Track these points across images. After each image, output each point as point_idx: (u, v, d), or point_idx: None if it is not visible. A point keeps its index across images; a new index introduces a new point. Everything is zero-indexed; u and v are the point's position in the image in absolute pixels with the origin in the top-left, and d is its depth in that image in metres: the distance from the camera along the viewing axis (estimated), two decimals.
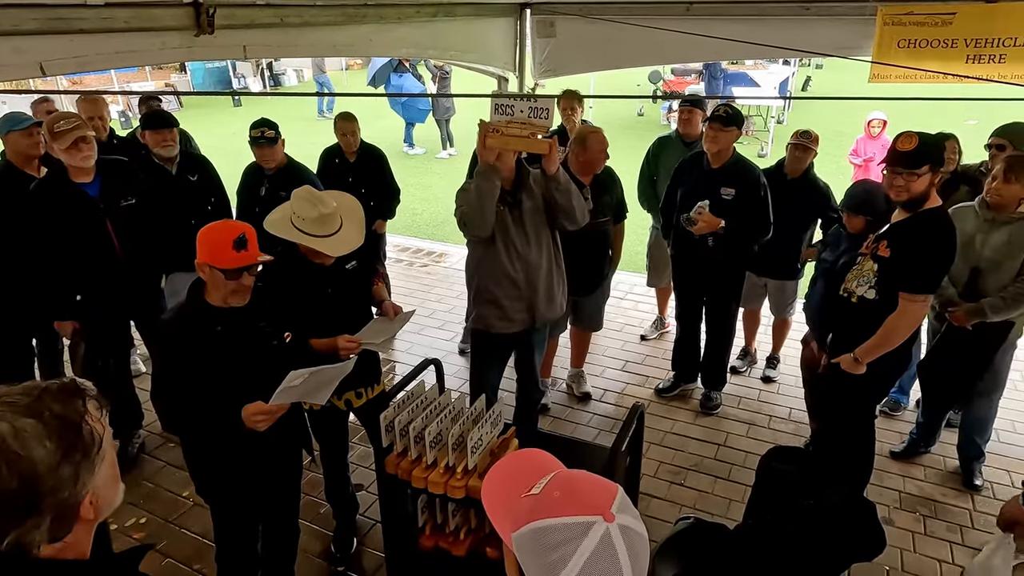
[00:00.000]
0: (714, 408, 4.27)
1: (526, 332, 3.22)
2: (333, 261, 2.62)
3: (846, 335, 2.89)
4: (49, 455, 0.91)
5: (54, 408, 0.93)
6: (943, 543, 3.22)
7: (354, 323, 2.65)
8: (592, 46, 4.91)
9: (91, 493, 0.96)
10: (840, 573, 2.15)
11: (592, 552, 0.89)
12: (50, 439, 0.91)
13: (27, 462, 0.89)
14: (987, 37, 3.76)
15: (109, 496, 1.02)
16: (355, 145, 4.68)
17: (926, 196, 2.63)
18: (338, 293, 2.67)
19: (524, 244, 2.99)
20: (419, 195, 9.30)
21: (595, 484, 0.96)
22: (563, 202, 2.90)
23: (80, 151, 3.12)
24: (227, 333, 2.15)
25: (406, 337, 5.20)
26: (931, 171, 2.58)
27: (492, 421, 2.40)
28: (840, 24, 4.17)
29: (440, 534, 2.57)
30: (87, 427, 0.96)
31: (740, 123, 3.72)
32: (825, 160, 5.55)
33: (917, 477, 3.66)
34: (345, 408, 2.89)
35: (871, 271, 2.76)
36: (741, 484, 3.55)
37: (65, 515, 0.94)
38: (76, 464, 0.94)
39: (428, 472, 2.29)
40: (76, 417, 0.95)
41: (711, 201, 3.70)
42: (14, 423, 0.90)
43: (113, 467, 1.03)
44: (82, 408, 0.96)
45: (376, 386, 2.95)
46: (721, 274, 3.98)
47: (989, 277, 3.13)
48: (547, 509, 0.92)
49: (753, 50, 4.24)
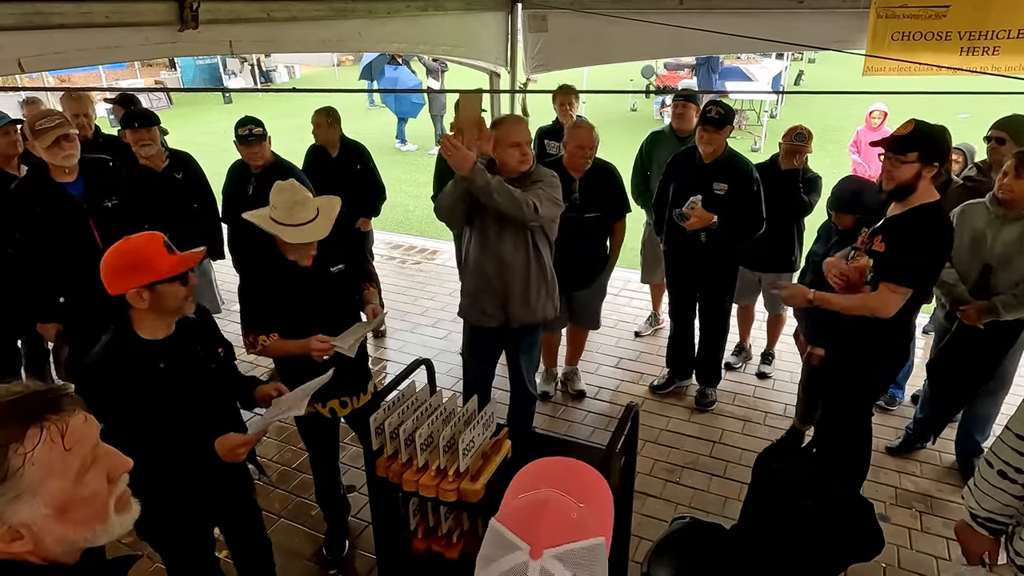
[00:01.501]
0: (709, 405, 4.25)
1: (509, 331, 3.21)
2: (311, 262, 2.58)
3: (840, 331, 2.83)
4: None
5: (31, 394, 0.89)
6: (940, 539, 3.20)
7: (337, 327, 2.60)
8: (584, 41, 4.86)
9: (8, 525, 0.88)
10: (838, 574, 2.13)
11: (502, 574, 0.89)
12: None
13: None
14: (981, 30, 3.75)
15: (58, 529, 0.92)
16: (335, 141, 4.53)
17: (912, 187, 2.53)
18: (320, 296, 2.62)
19: (497, 240, 3.00)
20: (411, 192, 9.23)
21: (561, 521, 0.93)
22: (486, 201, 2.83)
23: (62, 150, 3.05)
24: (171, 367, 1.97)
25: (398, 336, 5.16)
26: (920, 161, 2.48)
27: (484, 423, 2.35)
28: (834, 17, 4.14)
29: (432, 537, 2.53)
30: (9, 457, 0.87)
31: (732, 120, 3.69)
32: (819, 154, 5.53)
33: (913, 473, 3.64)
34: (330, 416, 2.84)
35: (866, 267, 2.70)
36: (737, 482, 3.53)
37: None
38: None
39: (419, 475, 2.25)
40: (1, 440, 0.87)
41: (704, 196, 3.67)
42: None
43: (65, 501, 0.92)
44: (19, 434, 0.88)
45: (363, 395, 2.88)
46: (714, 270, 3.95)
47: (1000, 274, 3.07)
48: (507, 515, 0.95)
49: (747, 44, 4.20)
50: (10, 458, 0.87)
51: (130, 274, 1.85)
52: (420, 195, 9.20)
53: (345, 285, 2.74)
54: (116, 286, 1.87)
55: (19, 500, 0.88)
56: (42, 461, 0.89)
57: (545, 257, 3.13)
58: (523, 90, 5.30)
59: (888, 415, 4.09)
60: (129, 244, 1.91)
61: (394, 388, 2.52)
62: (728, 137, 3.71)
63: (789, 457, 2.32)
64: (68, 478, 0.92)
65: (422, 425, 2.26)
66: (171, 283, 1.90)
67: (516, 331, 3.23)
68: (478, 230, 3.04)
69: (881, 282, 2.61)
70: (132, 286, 1.86)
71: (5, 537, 0.88)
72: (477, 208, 2.95)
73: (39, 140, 3.02)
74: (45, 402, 0.92)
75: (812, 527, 1.94)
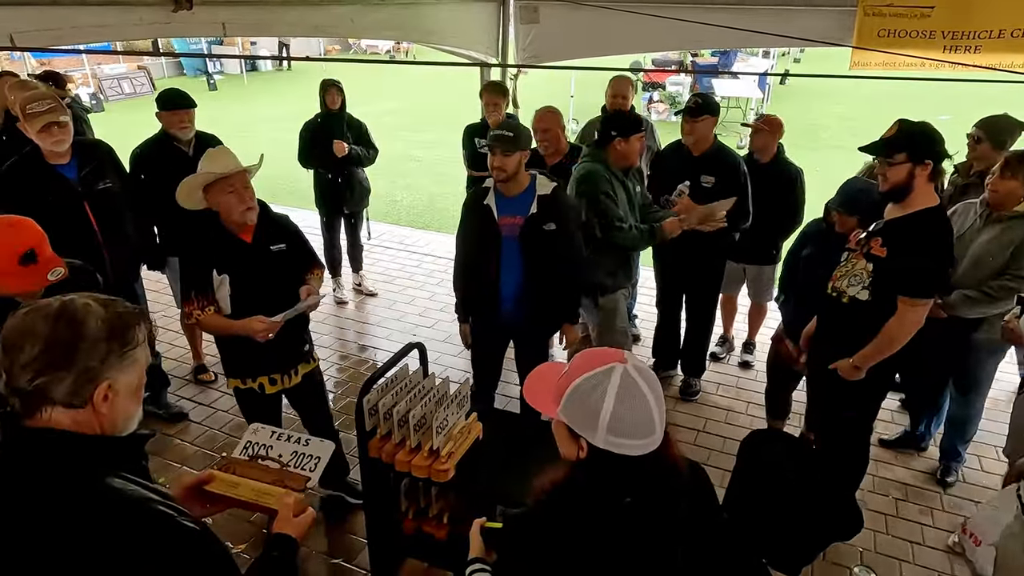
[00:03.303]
0: (694, 395, 4.31)
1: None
2: (252, 239, 2.61)
3: (836, 336, 2.77)
4: (97, 331, 1.16)
5: (120, 309, 1.22)
6: (915, 525, 3.29)
7: (275, 307, 2.61)
8: (576, 33, 4.89)
9: (110, 381, 1.18)
10: (818, 551, 2.19)
11: (619, 386, 1.15)
12: (104, 322, 1.18)
13: (80, 326, 1.16)
14: (964, 29, 3.84)
15: (126, 405, 1.23)
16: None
17: (908, 187, 2.47)
18: (259, 273, 2.63)
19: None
20: (400, 183, 9.23)
21: (605, 350, 1.24)
22: None
23: (52, 135, 3.03)
24: None
25: (386, 324, 5.17)
26: (910, 161, 2.43)
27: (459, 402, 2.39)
28: (822, 15, 4.21)
29: (423, 518, 2.56)
30: (132, 332, 1.21)
31: (714, 111, 3.74)
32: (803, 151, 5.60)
33: (890, 462, 3.73)
34: (259, 391, 2.81)
35: (865, 271, 2.60)
36: (720, 469, 3.59)
37: (84, 383, 1.15)
38: (109, 348, 1.17)
39: (412, 456, 2.28)
40: (131, 320, 1.22)
41: (691, 188, 3.72)
42: (88, 301, 1.20)
43: (137, 386, 1.25)
44: (136, 323, 1.23)
45: (294, 376, 2.88)
46: (701, 262, 3.99)
47: (969, 272, 3.08)
48: (574, 374, 1.19)
49: (737, 38, 4.25)
50: (136, 334, 1.22)
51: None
52: (409, 186, 9.20)
53: (285, 265, 2.73)
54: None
55: (125, 369, 1.20)
56: (141, 348, 1.23)
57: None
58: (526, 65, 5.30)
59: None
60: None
61: (386, 372, 2.54)
62: (713, 129, 3.76)
63: (776, 439, 2.37)
64: (143, 368, 1.25)
65: (415, 407, 2.29)
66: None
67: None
68: None
69: (899, 299, 2.53)
70: None
71: (103, 392, 1.17)
72: None
73: (30, 124, 2.98)
74: (144, 313, 1.28)
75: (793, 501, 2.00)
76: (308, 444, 1.83)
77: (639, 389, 1.15)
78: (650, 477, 1.18)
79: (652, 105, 13.70)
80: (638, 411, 1.15)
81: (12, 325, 1.16)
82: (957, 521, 3.29)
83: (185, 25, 3.08)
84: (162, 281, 4.43)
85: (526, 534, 1.26)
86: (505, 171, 2.86)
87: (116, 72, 16.63)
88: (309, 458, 1.84)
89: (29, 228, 1.90)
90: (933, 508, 3.40)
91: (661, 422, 1.18)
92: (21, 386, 1.13)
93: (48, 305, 1.17)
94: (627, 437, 1.14)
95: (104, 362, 1.16)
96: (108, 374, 1.17)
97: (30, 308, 1.18)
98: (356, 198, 5.19)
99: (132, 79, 16.63)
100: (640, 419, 1.15)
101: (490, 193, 3.00)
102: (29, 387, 1.12)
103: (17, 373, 1.13)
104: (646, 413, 1.15)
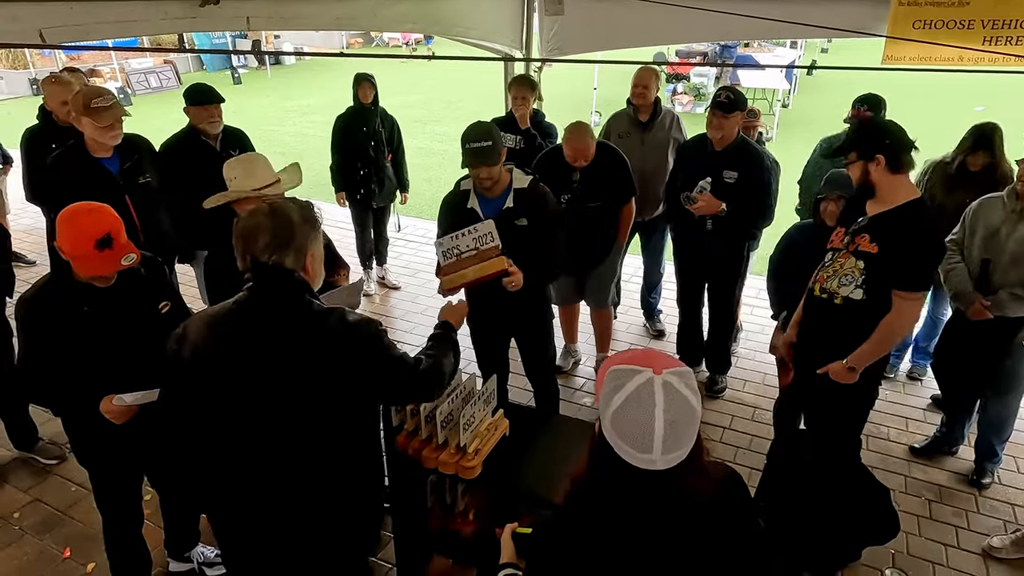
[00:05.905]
0: (720, 391, 4.26)
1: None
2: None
3: (830, 340, 2.68)
4: (299, 219, 1.70)
5: (304, 204, 1.77)
6: (949, 527, 3.21)
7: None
8: (600, 24, 4.81)
9: (313, 252, 1.73)
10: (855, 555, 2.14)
11: (635, 389, 1.12)
12: (298, 215, 1.71)
13: (289, 217, 1.69)
14: (1005, 19, 3.69)
15: (318, 267, 1.78)
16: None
17: (868, 184, 2.49)
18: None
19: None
20: (422, 176, 9.23)
21: (668, 357, 1.21)
22: None
23: (112, 130, 3.08)
24: (97, 312, 2.05)
25: (409, 317, 5.17)
26: (860, 159, 2.48)
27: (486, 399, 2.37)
28: (854, 4, 4.09)
29: (448, 515, 2.55)
30: (315, 218, 1.76)
31: (744, 107, 3.66)
32: None
33: (923, 463, 3.65)
34: None
35: (856, 269, 2.54)
36: (747, 467, 3.54)
37: (302, 253, 1.70)
38: (309, 229, 1.73)
39: (439, 452, 2.27)
40: (312, 211, 1.78)
41: (713, 184, 3.65)
42: (284, 203, 1.74)
43: (322, 255, 1.79)
44: (312, 215, 1.77)
45: None
46: (721, 258, 3.93)
47: (1010, 270, 3.01)
48: (622, 360, 1.20)
49: (764, 28, 4.15)
50: (318, 218, 1.77)
51: (63, 237, 1.96)
52: (430, 179, 9.20)
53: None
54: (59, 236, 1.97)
55: (318, 241, 1.75)
56: (321, 229, 1.78)
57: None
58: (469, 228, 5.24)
59: (918, 423, 3.99)
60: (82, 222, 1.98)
61: None
62: (740, 124, 3.68)
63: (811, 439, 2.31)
64: (320, 238, 1.79)
65: (443, 403, 2.28)
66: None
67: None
68: None
69: (894, 293, 2.49)
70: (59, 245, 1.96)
71: (310, 259, 1.72)
72: None
73: (95, 118, 3.00)
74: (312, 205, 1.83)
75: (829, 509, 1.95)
76: (476, 229, 2.71)
77: (652, 401, 1.10)
78: (650, 497, 1.14)
79: (676, 97, 13.55)
80: (639, 421, 1.10)
81: (244, 224, 1.66)
82: (992, 524, 3.21)
83: (210, 19, 3.08)
84: (188, 273, 4.47)
85: (552, 545, 1.23)
86: (493, 179, 2.89)
87: (143, 67, 16.82)
88: (485, 235, 2.70)
89: (107, 215, 1.99)
90: (967, 510, 3.32)
91: (664, 445, 1.10)
92: (263, 261, 1.63)
93: (262, 208, 1.69)
94: (624, 440, 1.12)
95: (308, 238, 1.70)
96: (311, 247, 1.71)
97: (253, 211, 1.69)
98: (385, 192, 5.21)
99: (159, 73, 16.82)
100: (638, 431, 1.11)
101: (471, 195, 3.00)
102: (269, 262, 1.63)
103: (258, 254, 1.63)
104: (646, 426, 1.10)
